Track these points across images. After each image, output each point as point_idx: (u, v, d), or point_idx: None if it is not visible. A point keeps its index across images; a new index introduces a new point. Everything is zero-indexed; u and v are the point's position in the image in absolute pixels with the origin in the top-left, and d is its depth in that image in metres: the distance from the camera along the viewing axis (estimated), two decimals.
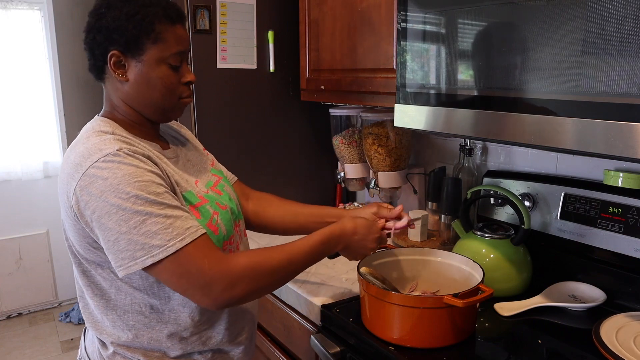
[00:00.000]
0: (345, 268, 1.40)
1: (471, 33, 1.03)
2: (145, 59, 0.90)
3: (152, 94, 0.93)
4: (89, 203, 0.83)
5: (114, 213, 0.81)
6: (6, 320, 3.32)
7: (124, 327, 0.95)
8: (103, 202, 0.82)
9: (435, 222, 1.57)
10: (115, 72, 0.91)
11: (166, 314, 0.94)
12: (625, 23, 0.76)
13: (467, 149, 1.49)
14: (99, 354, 0.99)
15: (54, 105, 3.22)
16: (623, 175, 1.13)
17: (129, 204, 0.81)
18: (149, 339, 0.95)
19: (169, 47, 0.91)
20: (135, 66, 0.90)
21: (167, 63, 0.92)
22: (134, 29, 0.88)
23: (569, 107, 0.85)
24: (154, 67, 0.91)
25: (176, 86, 0.94)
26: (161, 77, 0.92)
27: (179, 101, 0.96)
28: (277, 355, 1.42)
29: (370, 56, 1.43)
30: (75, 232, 0.90)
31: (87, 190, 0.83)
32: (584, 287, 1.19)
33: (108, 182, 0.82)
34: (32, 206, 3.33)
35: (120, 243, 0.82)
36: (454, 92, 1.07)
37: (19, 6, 3.11)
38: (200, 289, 0.84)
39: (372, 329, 1.04)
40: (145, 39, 0.89)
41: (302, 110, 1.87)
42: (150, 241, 0.82)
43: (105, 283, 0.93)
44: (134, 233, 0.81)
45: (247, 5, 1.67)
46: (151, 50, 0.90)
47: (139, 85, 0.92)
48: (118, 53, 0.89)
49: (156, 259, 0.82)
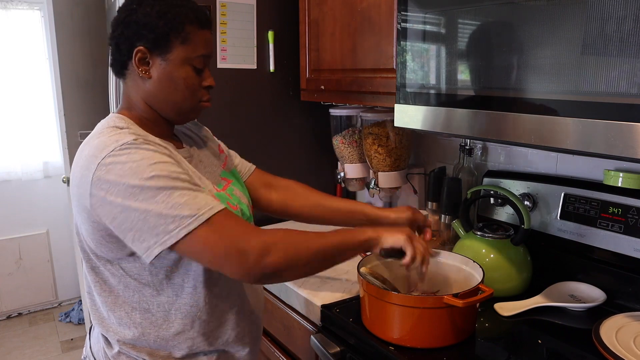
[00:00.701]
0: (345, 268, 1.40)
1: (471, 33, 1.03)
2: (171, 58, 0.91)
3: (174, 94, 0.93)
4: (110, 190, 0.81)
5: (138, 193, 0.80)
6: (6, 320, 3.32)
7: (130, 324, 0.94)
8: (124, 185, 0.81)
9: (435, 222, 1.57)
10: (139, 68, 0.91)
11: (173, 312, 0.94)
12: (625, 23, 0.75)
13: (467, 149, 1.49)
14: (104, 353, 0.99)
15: (54, 105, 3.22)
16: (623, 175, 1.13)
17: (152, 182, 0.81)
18: (156, 337, 0.95)
19: (195, 49, 0.92)
20: (160, 64, 0.91)
21: (192, 65, 0.92)
22: (165, 26, 0.89)
23: (569, 107, 0.85)
24: (178, 67, 0.91)
25: (197, 89, 0.95)
26: (184, 77, 0.92)
27: (198, 104, 0.97)
28: (277, 355, 1.42)
29: (370, 56, 1.43)
30: (88, 225, 0.88)
31: (105, 178, 0.82)
32: (584, 287, 1.19)
33: (127, 166, 0.81)
34: (32, 206, 3.34)
35: (149, 220, 0.80)
36: (454, 92, 1.07)
37: (19, 6, 3.11)
38: (236, 256, 0.82)
39: (372, 329, 1.04)
40: (174, 38, 0.90)
41: (302, 110, 1.87)
42: (180, 212, 0.81)
43: (113, 279, 0.93)
44: (162, 207, 0.80)
45: (247, 5, 1.67)
46: (178, 50, 0.91)
47: (162, 84, 0.92)
48: (144, 49, 0.90)
49: (189, 229, 0.80)
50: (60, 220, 3.39)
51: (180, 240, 0.81)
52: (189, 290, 0.94)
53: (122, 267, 0.92)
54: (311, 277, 1.34)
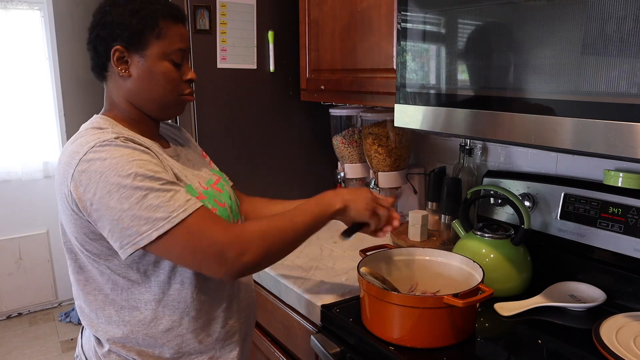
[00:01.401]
0: (345, 268, 1.40)
1: (471, 33, 1.03)
2: (148, 54, 0.92)
3: (155, 89, 0.94)
4: (89, 186, 0.82)
5: (114, 192, 0.81)
6: (6, 320, 3.32)
7: (119, 322, 0.95)
8: (103, 182, 0.82)
9: (435, 222, 1.57)
10: (118, 67, 0.92)
11: (161, 309, 0.95)
12: (625, 23, 0.76)
13: (467, 149, 1.49)
14: (94, 352, 0.99)
15: (54, 105, 3.22)
16: (623, 175, 1.13)
17: (129, 181, 0.82)
18: (144, 335, 0.95)
19: (171, 44, 0.93)
20: (139, 61, 0.92)
21: (170, 59, 0.94)
22: (138, 24, 0.90)
23: (569, 107, 0.85)
24: (156, 62, 0.93)
25: (178, 82, 0.96)
26: (164, 72, 0.94)
27: (179, 97, 0.98)
28: (277, 355, 1.42)
29: (370, 56, 1.43)
30: (72, 224, 0.89)
31: (86, 174, 0.83)
32: (584, 287, 1.19)
33: (107, 163, 0.82)
34: (32, 206, 3.33)
35: (124, 221, 0.82)
36: (454, 92, 1.07)
37: (19, 6, 3.11)
38: (214, 258, 0.84)
39: (372, 329, 1.04)
40: (149, 34, 0.91)
41: (302, 110, 1.87)
42: (153, 214, 0.82)
43: (101, 278, 0.93)
44: (137, 209, 0.81)
45: (247, 5, 1.67)
46: (154, 46, 0.92)
47: (142, 81, 0.93)
48: (121, 48, 0.91)
49: (161, 232, 0.81)
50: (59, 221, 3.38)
51: (153, 241, 0.82)
52: (177, 286, 0.95)
53: (108, 265, 0.92)
54: (311, 277, 1.34)
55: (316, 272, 1.38)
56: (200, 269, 0.88)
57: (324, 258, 1.49)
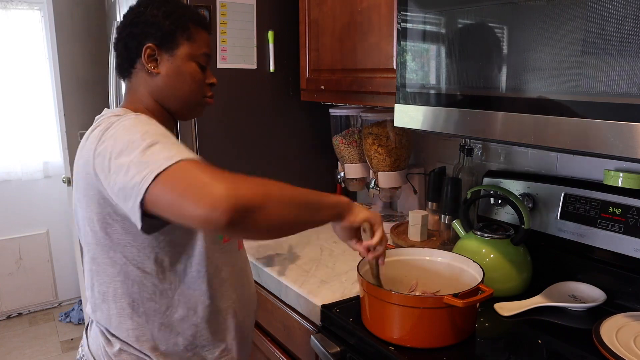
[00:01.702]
0: (345, 268, 1.40)
1: (471, 33, 1.03)
2: (178, 54, 0.98)
3: (182, 87, 1.00)
4: (106, 153, 0.82)
5: (125, 149, 0.80)
6: (6, 320, 3.33)
7: (133, 314, 0.95)
8: (118, 144, 0.82)
9: (435, 222, 1.57)
10: (148, 64, 0.97)
11: (177, 298, 0.96)
12: (625, 23, 0.76)
13: (467, 149, 1.49)
14: (104, 352, 0.98)
15: (54, 105, 3.22)
16: (623, 175, 1.13)
17: (138, 136, 0.81)
18: (160, 325, 0.96)
19: (199, 47, 1.00)
20: (168, 60, 0.98)
21: (197, 61, 1.00)
22: (171, 25, 0.96)
23: (569, 107, 0.85)
24: (185, 62, 0.99)
25: (202, 84, 1.03)
26: (191, 72, 1.00)
27: (202, 99, 1.04)
28: (277, 355, 1.42)
29: (370, 56, 1.43)
30: (96, 204, 0.88)
31: (104, 143, 0.84)
32: (584, 287, 1.19)
33: (121, 128, 0.85)
34: (32, 206, 3.34)
35: (130, 171, 0.77)
36: (454, 92, 1.07)
37: (19, 6, 3.11)
38: (200, 188, 0.72)
39: (372, 329, 1.04)
40: (180, 36, 0.97)
41: (302, 110, 1.87)
42: (155, 157, 0.77)
43: (113, 269, 0.94)
44: (141, 156, 0.78)
45: (247, 5, 1.67)
46: (184, 47, 0.98)
47: (170, 78, 0.99)
48: (153, 46, 0.97)
49: (159, 170, 0.74)
50: (60, 220, 3.39)
51: (151, 184, 0.74)
52: (193, 274, 0.97)
53: (124, 254, 0.92)
54: (311, 277, 1.34)
55: (316, 272, 1.38)
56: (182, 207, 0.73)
57: (324, 258, 1.49)
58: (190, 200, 0.72)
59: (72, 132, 2.68)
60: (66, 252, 3.43)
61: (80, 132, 2.71)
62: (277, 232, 0.84)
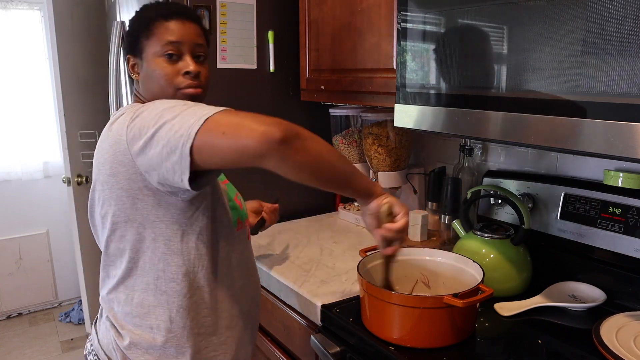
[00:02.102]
0: (345, 268, 1.40)
1: (471, 33, 1.03)
2: (145, 56, 1.00)
3: (153, 87, 1.00)
4: (142, 128, 0.86)
5: (165, 113, 0.85)
6: (6, 320, 3.32)
7: (156, 292, 0.97)
8: (154, 114, 0.86)
9: (435, 222, 1.57)
10: (133, 73, 1.04)
11: (195, 281, 0.98)
12: (625, 23, 0.76)
13: (467, 149, 1.49)
14: (115, 345, 0.99)
15: (54, 105, 3.22)
16: (623, 175, 1.13)
17: (174, 103, 0.88)
18: (178, 307, 0.97)
19: (160, 39, 0.98)
20: (141, 64, 1.01)
21: (163, 55, 0.98)
22: (134, 30, 1.00)
23: (569, 107, 0.85)
24: (151, 61, 0.99)
25: (172, 76, 0.98)
26: (158, 69, 0.98)
27: (177, 92, 0.99)
28: (277, 355, 1.42)
29: (370, 56, 1.43)
30: (125, 182, 0.91)
31: (137, 120, 0.88)
32: (584, 287, 1.19)
33: (155, 105, 0.89)
34: (32, 206, 3.33)
35: (174, 126, 0.82)
36: (454, 92, 1.07)
37: (19, 6, 3.11)
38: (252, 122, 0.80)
39: (372, 329, 1.04)
40: (142, 37, 0.99)
41: (302, 110, 1.87)
42: (199, 112, 0.83)
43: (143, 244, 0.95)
44: (183, 114, 0.83)
45: (247, 5, 1.67)
46: (147, 47, 0.99)
47: (145, 81, 1.02)
48: (130, 56, 1.02)
49: (208, 115, 0.81)
50: (60, 220, 3.39)
51: (202, 127, 0.80)
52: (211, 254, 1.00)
53: (154, 230, 0.94)
54: (311, 277, 1.34)
55: (316, 272, 1.38)
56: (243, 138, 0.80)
57: (324, 258, 1.49)
58: (246, 130, 0.79)
59: (72, 132, 2.67)
60: (66, 252, 3.43)
61: (80, 132, 2.71)
62: (314, 170, 0.88)
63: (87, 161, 2.73)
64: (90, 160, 2.73)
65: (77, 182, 2.70)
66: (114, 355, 0.99)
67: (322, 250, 1.56)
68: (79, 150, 2.71)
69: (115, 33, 1.91)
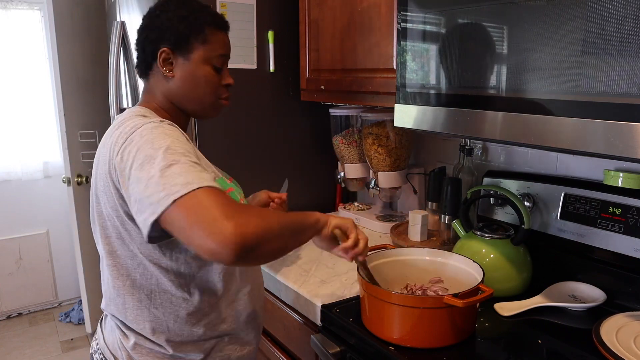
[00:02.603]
0: (345, 268, 1.40)
1: (471, 33, 1.03)
2: (192, 58, 0.99)
3: (196, 90, 1.01)
4: (128, 160, 0.86)
5: (146, 163, 0.83)
6: (6, 320, 3.32)
7: (150, 306, 0.97)
8: (139, 155, 0.85)
9: (435, 222, 1.57)
10: (164, 67, 1.00)
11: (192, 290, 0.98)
12: (625, 23, 0.76)
13: (467, 149, 1.49)
14: (120, 345, 1.00)
15: (54, 105, 3.22)
16: (623, 175, 1.13)
17: (160, 153, 0.83)
18: (175, 317, 0.98)
19: (214, 49, 1.01)
20: (183, 64, 1.00)
21: (212, 64, 1.01)
22: (185, 29, 0.98)
23: (569, 107, 0.85)
24: (199, 65, 1.00)
25: (217, 86, 1.03)
26: (205, 75, 1.01)
27: (217, 101, 1.05)
28: (277, 355, 1.42)
29: (370, 56, 1.43)
30: (115, 200, 0.91)
31: (127, 149, 0.87)
32: (584, 287, 1.19)
33: (145, 139, 0.86)
34: (32, 206, 3.33)
35: (148, 189, 0.81)
36: (454, 92, 1.07)
37: (19, 6, 3.11)
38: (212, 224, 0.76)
39: (372, 329, 1.04)
40: (194, 39, 0.99)
41: (302, 110, 1.87)
42: (173, 181, 0.80)
43: (133, 261, 0.96)
44: (160, 175, 0.81)
45: (247, 5, 1.67)
46: (199, 50, 0.99)
47: (184, 82, 1.00)
48: (168, 50, 0.99)
49: (176, 196, 0.78)
50: (60, 220, 3.39)
51: (167, 208, 0.78)
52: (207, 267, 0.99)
53: (142, 251, 0.94)
54: (311, 277, 1.34)
55: (316, 272, 1.38)
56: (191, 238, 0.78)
57: (324, 258, 1.49)
58: (201, 233, 0.76)
59: (72, 132, 2.67)
60: (66, 252, 3.43)
61: (80, 132, 2.71)
62: (273, 259, 0.89)
63: (87, 161, 2.73)
64: (90, 160, 2.74)
65: (77, 182, 2.70)
66: (119, 354, 1.00)
67: (322, 250, 1.55)
68: (79, 150, 2.72)
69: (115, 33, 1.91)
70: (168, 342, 0.98)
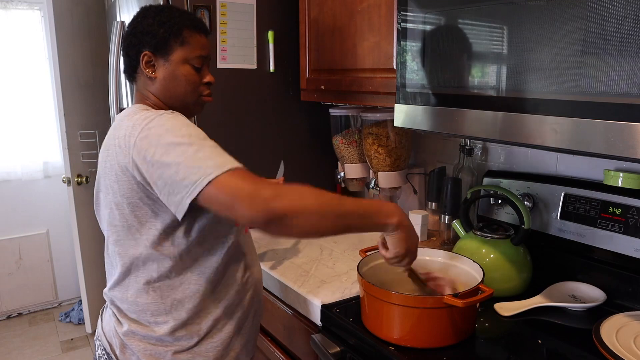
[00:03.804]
0: (345, 268, 1.40)
1: (471, 33, 1.03)
2: (172, 59, 1.05)
3: (178, 89, 1.07)
4: (149, 149, 0.91)
5: (172, 149, 0.89)
6: (6, 320, 3.32)
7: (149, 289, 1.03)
8: (162, 143, 0.90)
9: (435, 222, 1.57)
10: (146, 69, 1.06)
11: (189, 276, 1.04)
12: (625, 23, 0.76)
13: (467, 149, 1.49)
14: (114, 332, 1.07)
15: (54, 105, 3.22)
16: (623, 175, 1.13)
17: (185, 139, 0.90)
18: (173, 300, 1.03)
19: (193, 50, 1.06)
20: (164, 65, 1.05)
21: (191, 64, 1.06)
22: (165, 32, 1.04)
23: (569, 107, 0.85)
24: (179, 66, 1.05)
25: (197, 84, 1.08)
26: (185, 74, 1.06)
27: (199, 98, 1.10)
28: (277, 355, 1.42)
29: (370, 56, 1.43)
30: (128, 189, 0.97)
31: (147, 139, 0.92)
32: (584, 287, 1.19)
33: (164, 127, 0.93)
34: (32, 206, 3.33)
35: (179, 173, 0.88)
36: (454, 92, 1.07)
37: (19, 6, 3.11)
38: (247, 193, 0.85)
39: (372, 329, 1.04)
40: (173, 42, 1.04)
41: (302, 110, 1.87)
42: (205, 164, 0.87)
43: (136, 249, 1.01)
44: (191, 161, 0.88)
45: (247, 5, 1.67)
46: (178, 52, 1.05)
47: (166, 82, 1.06)
48: (149, 53, 1.04)
49: (211, 178, 0.86)
50: (60, 220, 3.39)
51: (204, 189, 0.86)
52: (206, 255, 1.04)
53: (148, 237, 0.99)
54: (311, 277, 1.34)
55: (316, 272, 1.38)
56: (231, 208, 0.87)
57: (324, 258, 1.49)
58: (241, 203, 0.85)
59: (72, 132, 2.67)
60: (66, 252, 3.43)
61: (80, 132, 2.71)
62: (310, 236, 0.99)
63: (87, 161, 2.73)
64: (90, 160, 2.74)
65: (77, 182, 2.70)
66: (114, 341, 1.07)
67: (322, 250, 1.56)
68: (79, 150, 2.72)
69: (115, 33, 1.91)
70: (165, 326, 1.03)
